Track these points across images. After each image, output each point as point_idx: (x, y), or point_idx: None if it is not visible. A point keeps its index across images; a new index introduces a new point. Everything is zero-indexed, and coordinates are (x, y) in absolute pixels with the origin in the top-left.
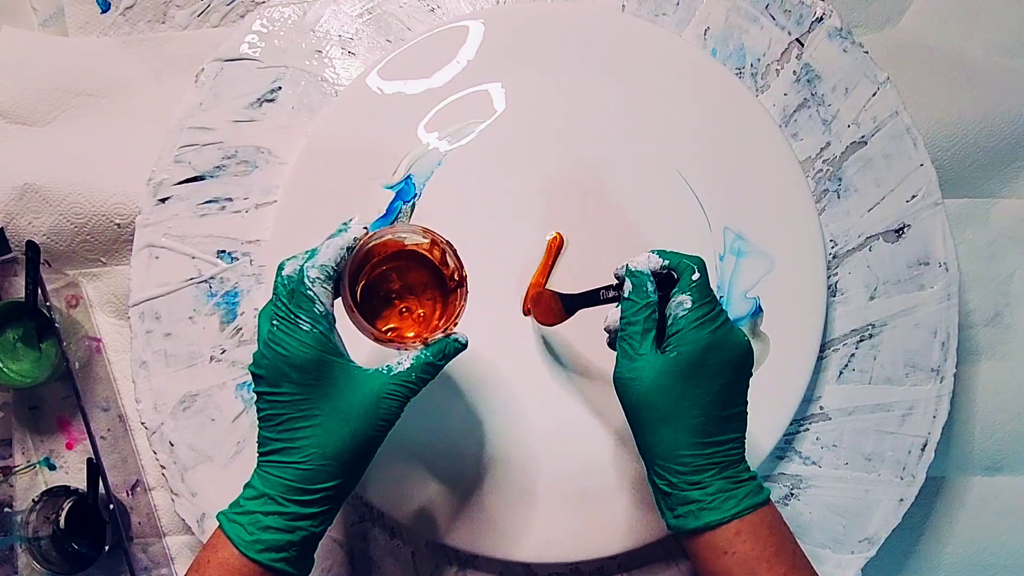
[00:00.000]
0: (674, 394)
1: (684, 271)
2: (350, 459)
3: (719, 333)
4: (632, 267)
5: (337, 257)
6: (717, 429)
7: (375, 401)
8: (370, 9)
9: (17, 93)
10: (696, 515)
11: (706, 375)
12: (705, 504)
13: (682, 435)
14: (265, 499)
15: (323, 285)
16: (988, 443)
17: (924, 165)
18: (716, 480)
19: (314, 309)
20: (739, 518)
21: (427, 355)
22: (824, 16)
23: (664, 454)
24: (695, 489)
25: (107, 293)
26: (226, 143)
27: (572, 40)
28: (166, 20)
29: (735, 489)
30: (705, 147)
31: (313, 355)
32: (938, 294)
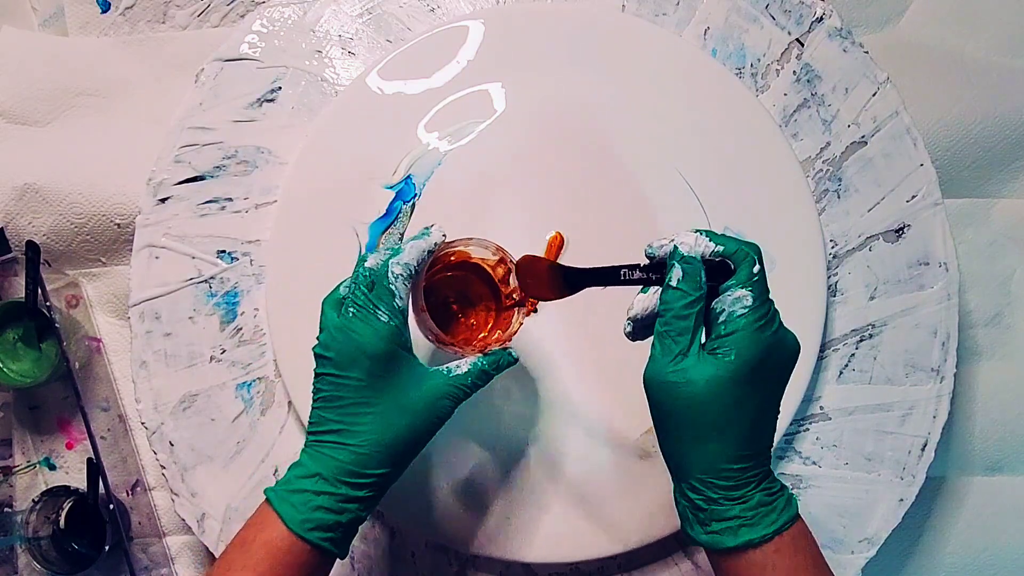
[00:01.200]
0: (729, 402)
1: (743, 262)
2: (402, 450)
3: (778, 335)
4: (684, 250)
5: (419, 258)
6: (763, 435)
7: (433, 399)
8: (370, 9)
9: (17, 93)
10: (735, 532)
11: (761, 381)
12: (745, 520)
13: (729, 447)
14: (317, 479)
15: (404, 282)
16: (988, 443)
17: (924, 165)
18: (756, 492)
19: (394, 303)
20: (779, 534)
21: (483, 363)
22: (824, 16)
23: (706, 468)
24: (736, 504)
25: (107, 293)
26: (226, 143)
27: (572, 40)
28: (166, 20)
29: (772, 502)
30: (705, 147)
31: (387, 346)
32: (938, 294)
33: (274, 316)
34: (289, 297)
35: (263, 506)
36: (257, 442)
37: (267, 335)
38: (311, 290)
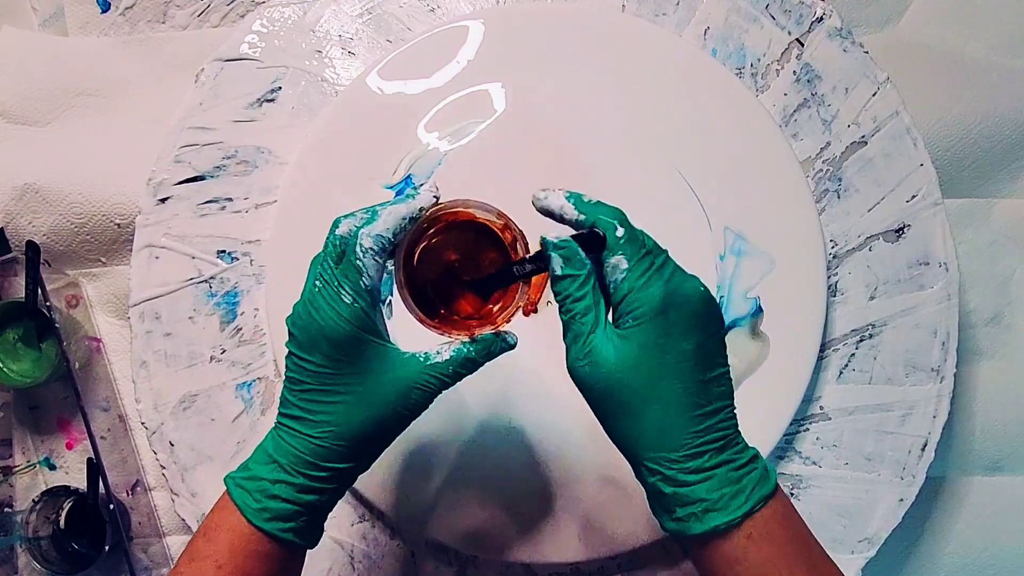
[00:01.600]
0: (645, 370)
1: (606, 229)
2: (367, 443)
3: (672, 284)
4: (552, 238)
5: (396, 227)
6: (704, 398)
7: (405, 389)
8: (370, 9)
9: (17, 93)
10: (700, 517)
11: (674, 337)
12: (711, 504)
13: (668, 414)
14: (275, 466)
15: (375, 257)
16: (988, 443)
17: (924, 165)
18: (718, 465)
19: (360, 282)
20: (750, 517)
21: (470, 350)
22: (824, 16)
23: (651, 443)
24: (696, 479)
25: (107, 293)
26: (226, 143)
27: (572, 40)
28: (166, 20)
29: (741, 479)
30: (705, 147)
31: (348, 330)
32: (938, 294)
33: (274, 316)
34: (289, 297)
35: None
36: (257, 442)
37: (267, 335)
38: None
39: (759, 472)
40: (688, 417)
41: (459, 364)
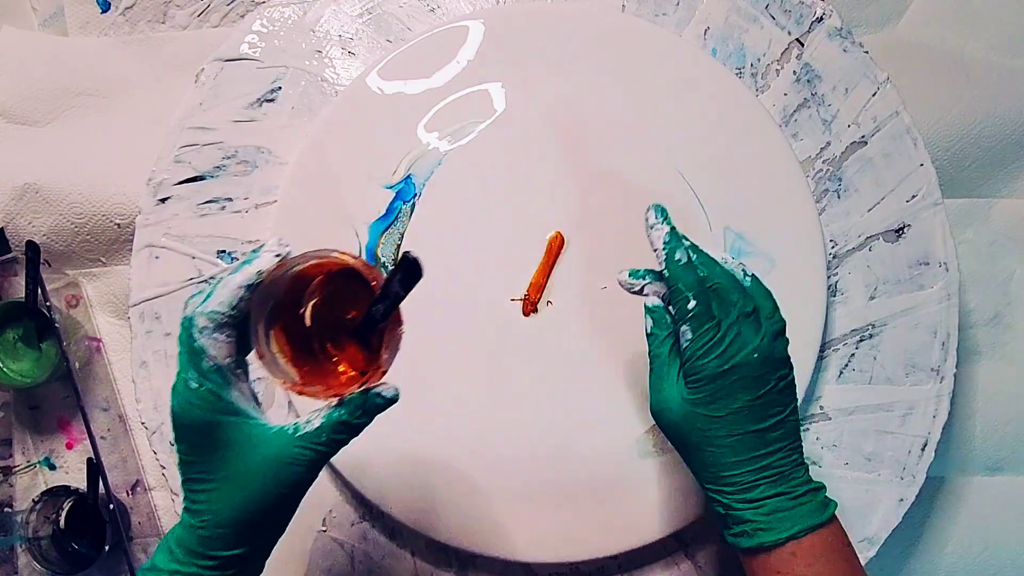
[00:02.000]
0: (702, 421)
1: (679, 302)
2: (251, 527)
3: (728, 354)
4: (647, 304)
5: (232, 299)
6: (756, 444)
7: (276, 467)
8: (370, 9)
9: (17, 93)
10: (750, 535)
11: (727, 399)
12: (759, 524)
13: (721, 457)
14: (171, 556)
15: (212, 335)
16: (988, 443)
17: (924, 165)
18: (770, 497)
19: (202, 364)
20: (795, 539)
21: (341, 414)
22: (824, 16)
23: (708, 477)
24: (749, 507)
25: (107, 293)
26: (226, 143)
27: (572, 40)
28: (166, 20)
29: (792, 508)
30: (705, 147)
31: (200, 416)
32: (938, 294)
33: None
34: None
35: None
36: None
37: None
38: None
39: (812, 505)
40: (741, 459)
41: (333, 431)
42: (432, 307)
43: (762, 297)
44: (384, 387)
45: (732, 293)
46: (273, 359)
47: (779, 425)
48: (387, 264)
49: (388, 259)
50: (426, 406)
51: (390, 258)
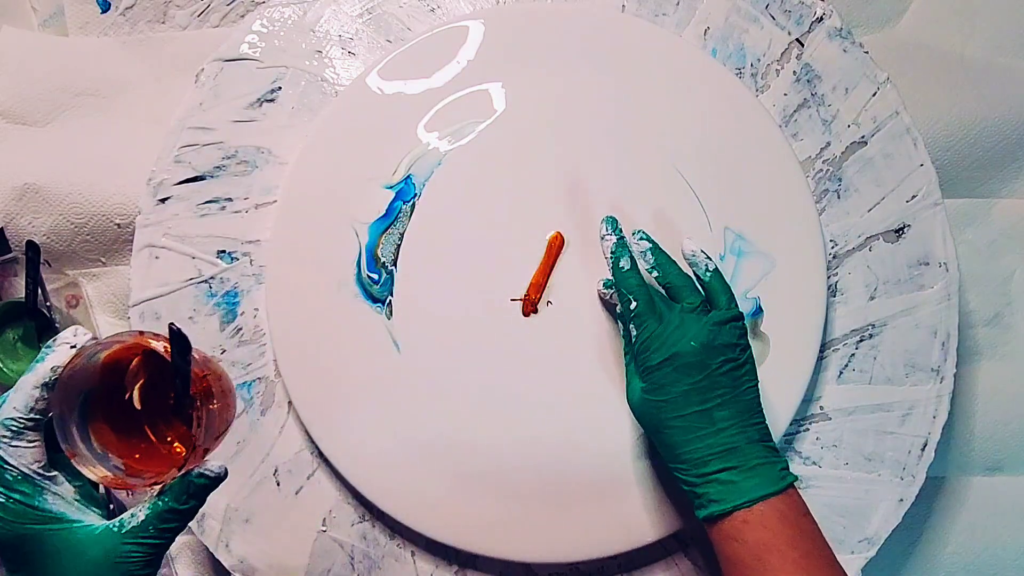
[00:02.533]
0: (653, 407)
1: (624, 304)
2: None
3: (668, 345)
4: (617, 310)
5: (30, 401)
6: (702, 423)
7: (108, 569)
8: (370, 9)
9: (17, 93)
10: (705, 506)
11: (670, 384)
12: (712, 495)
13: (674, 437)
14: None
15: (12, 444)
16: (988, 443)
17: (924, 165)
18: (721, 470)
19: (5, 476)
20: (746, 508)
21: (166, 501)
22: (824, 16)
23: (668, 457)
24: (702, 481)
25: (107, 293)
26: (226, 143)
27: (572, 40)
28: (166, 20)
29: (742, 481)
30: (705, 147)
31: (12, 531)
32: (938, 294)
33: (274, 316)
34: (289, 297)
35: None
36: (257, 442)
37: (267, 335)
38: (311, 290)
39: (763, 478)
40: (690, 438)
41: (161, 521)
42: (432, 307)
43: (719, 291)
44: (208, 465)
45: (683, 291)
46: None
47: (725, 405)
48: (387, 264)
49: (388, 259)
50: (426, 406)
51: (390, 258)
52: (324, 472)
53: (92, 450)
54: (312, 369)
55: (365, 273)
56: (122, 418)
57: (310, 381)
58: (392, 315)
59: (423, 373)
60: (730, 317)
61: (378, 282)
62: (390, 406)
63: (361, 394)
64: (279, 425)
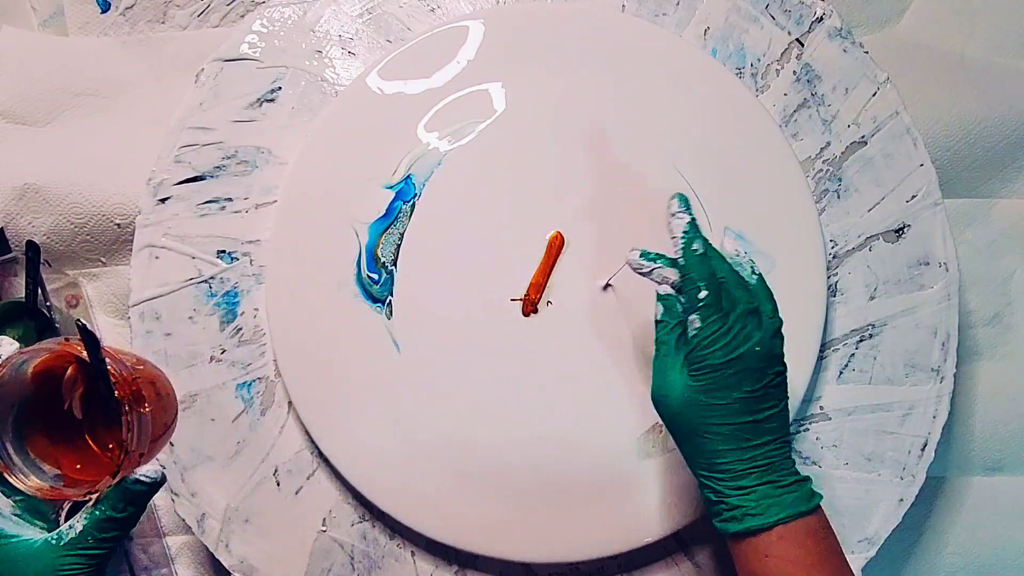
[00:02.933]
0: (702, 409)
1: (689, 291)
2: None
3: (732, 345)
4: (659, 291)
5: None
6: (751, 433)
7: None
8: (370, 9)
9: (17, 93)
10: (740, 520)
11: (728, 388)
12: (749, 510)
13: (716, 444)
14: None
15: None
16: (988, 443)
17: (924, 165)
18: (760, 485)
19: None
20: (783, 524)
21: (103, 510)
22: (824, 16)
23: (704, 464)
24: (739, 494)
25: (107, 293)
26: (226, 143)
27: (572, 40)
28: (166, 20)
29: (781, 496)
30: (705, 147)
31: None
32: (938, 294)
33: (274, 316)
34: (289, 297)
35: None
36: (257, 442)
37: (267, 335)
38: (311, 290)
39: (798, 494)
40: (736, 447)
41: (99, 530)
42: (432, 307)
43: (764, 297)
44: (143, 470)
45: (737, 289)
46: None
47: (772, 418)
48: (387, 264)
49: (388, 259)
50: (426, 406)
51: (390, 258)
52: (324, 472)
53: (28, 461)
54: (312, 369)
55: (365, 273)
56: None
57: (310, 381)
58: (392, 315)
59: (423, 373)
60: (780, 327)
61: (378, 282)
62: (390, 406)
63: (361, 394)
64: (279, 425)
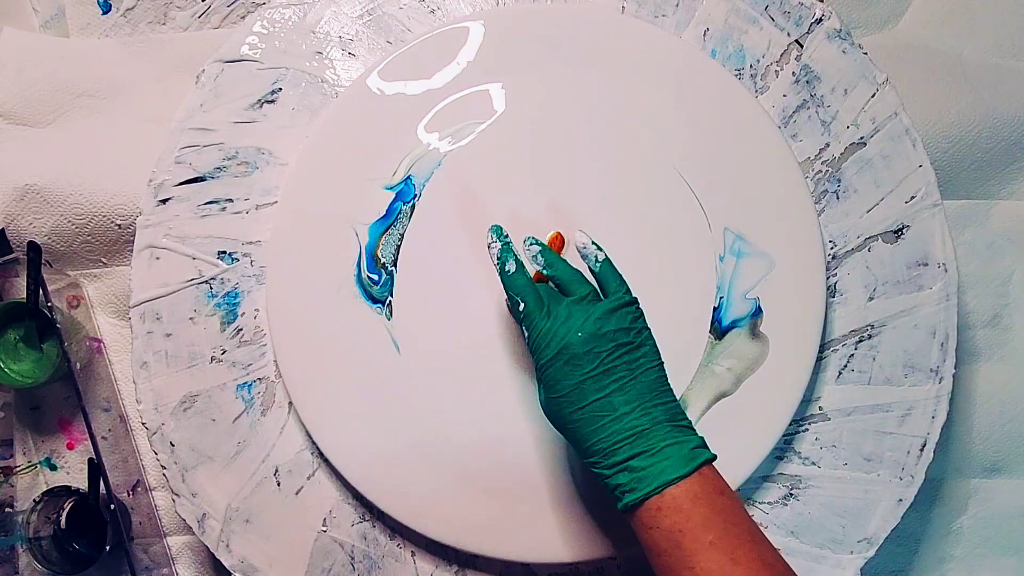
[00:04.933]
0: (554, 404)
1: (513, 306)
2: None
3: (558, 338)
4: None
5: None
6: (604, 411)
7: None
8: (370, 11)
9: (18, 94)
10: (620, 498)
11: (563, 377)
12: (625, 486)
13: (580, 429)
14: None
15: None
16: (986, 444)
17: (923, 166)
18: (631, 458)
19: None
20: (656, 494)
21: None
22: (823, 17)
23: (582, 453)
24: (615, 471)
25: (108, 294)
26: (227, 144)
27: (572, 41)
28: (167, 21)
29: (651, 466)
30: (705, 148)
31: None
32: (937, 295)
33: (274, 317)
34: (289, 298)
35: None
36: (257, 443)
37: (267, 336)
38: (311, 291)
39: (671, 461)
40: (596, 427)
41: None
42: (432, 308)
43: (609, 278)
44: None
45: (572, 284)
46: None
47: (623, 389)
48: (387, 265)
49: (388, 260)
50: (426, 406)
51: (390, 259)
52: (324, 472)
53: None
54: (312, 369)
55: (365, 274)
56: None
57: (310, 381)
58: (392, 316)
59: (423, 373)
60: (621, 303)
61: (378, 283)
62: (390, 406)
63: (361, 394)
64: (279, 425)
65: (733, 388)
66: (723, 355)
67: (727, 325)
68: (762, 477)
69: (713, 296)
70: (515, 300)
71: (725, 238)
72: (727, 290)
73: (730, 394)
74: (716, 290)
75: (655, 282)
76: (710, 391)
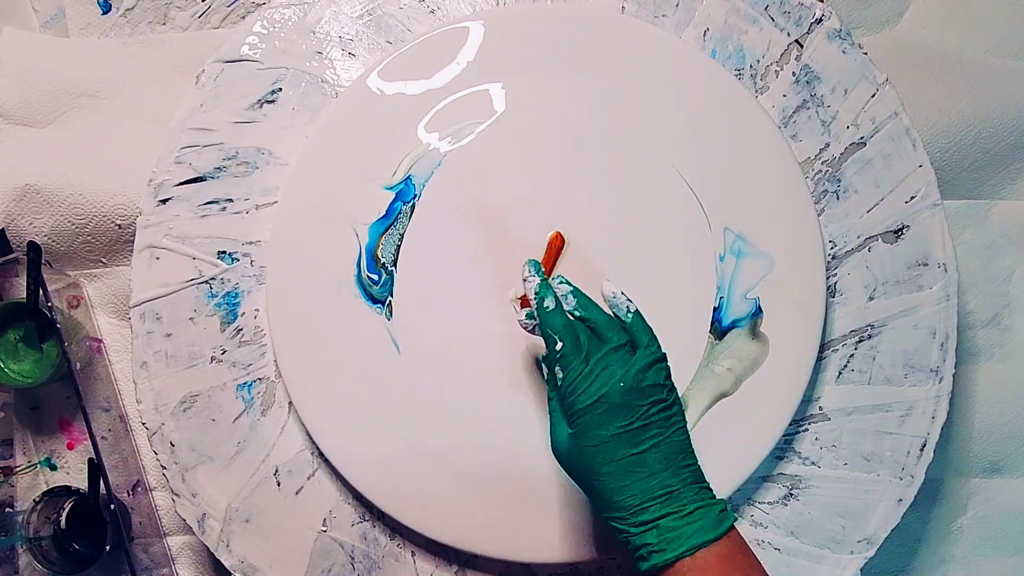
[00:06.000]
0: (583, 455)
1: (550, 344)
2: None
3: (596, 386)
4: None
5: None
6: (637, 467)
7: None
8: (370, 11)
9: (18, 94)
10: (647, 558)
11: (598, 426)
12: (653, 547)
13: (607, 484)
14: None
15: None
16: (986, 444)
17: (923, 166)
18: (661, 518)
19: None
20: (687, 557)
21: None
22: (823, 17)
23: (603, 507)
24: (642, 530)
25: (108, 294)
26: (227, 144)
27: (572, 41)
28: (167, 21)
29: (682, 527)
30: (705, 148)
31: None
32: (937, 295)
33: (274, 317)
34: (289, 298)
35: None
36: (257, 443)
37: (267, 336)
38: (311, 291)
39: (702, 523)
40: (625, 484)
41: None
42: (432, 308)
43: (641, 331)
44: None
45: (607, 331)
46: None
47: (658, 447)
48: (387, 265)
49: (388, 260)
50: (426, 406)
51: (390, 259)
52: (324, 472)
53: None
54: (312, 369)
55: (365, 274)
56: None
57: (310, 381)
58: (392, 316)
59: (423, 374)
60: (656, 358)
61: (378, 283)
62: (390, 406)
63: (361, 394)
64: (279, 425)
65: (733, 388)
66: (723, 355)
67: (727, 325)
68: (762, 477)
69: (713, 296)
70: (551, 339)
71: (725, 238)
72: (727, 290)
73: (730, 394)
74: (716, 290)
75: (655, 282)
76: (710, 391)
